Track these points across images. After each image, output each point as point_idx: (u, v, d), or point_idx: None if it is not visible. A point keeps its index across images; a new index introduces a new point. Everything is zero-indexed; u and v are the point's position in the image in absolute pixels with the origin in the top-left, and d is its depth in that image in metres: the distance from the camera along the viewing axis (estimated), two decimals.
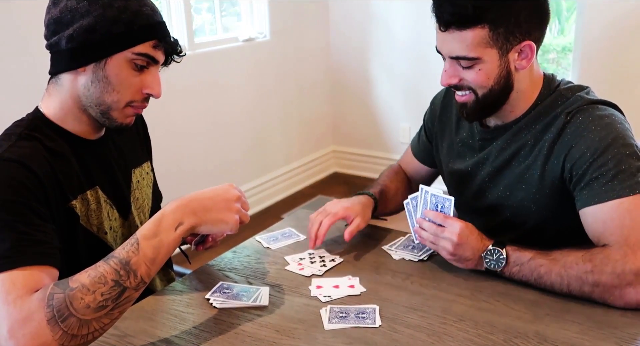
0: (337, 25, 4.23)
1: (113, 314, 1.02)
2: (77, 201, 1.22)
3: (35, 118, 1.22)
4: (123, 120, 1.24)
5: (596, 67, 3.39)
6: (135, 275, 1.03)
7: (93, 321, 0.99)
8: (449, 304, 1.21)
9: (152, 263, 1.05)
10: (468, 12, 1.23)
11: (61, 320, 0.97)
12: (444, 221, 1.28)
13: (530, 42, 1.28)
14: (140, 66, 1.19)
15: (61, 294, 0.99)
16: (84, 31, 1.15)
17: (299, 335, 1.13)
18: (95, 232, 1.26)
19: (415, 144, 1.72)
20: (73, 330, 0.97)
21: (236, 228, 1.15)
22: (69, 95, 1.21)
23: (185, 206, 1.11)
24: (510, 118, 1.39)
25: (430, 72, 3.93)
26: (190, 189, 1.17)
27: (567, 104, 1.33)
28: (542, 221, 1.38)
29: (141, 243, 1.05)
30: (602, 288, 1.16)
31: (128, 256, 1.04)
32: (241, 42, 3.61)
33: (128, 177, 1.37)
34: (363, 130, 4.34)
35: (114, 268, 1.02)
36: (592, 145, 1.25)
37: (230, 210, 1.14)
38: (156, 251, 1.06)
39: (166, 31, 1.22)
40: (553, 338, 1.09)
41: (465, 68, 1.30)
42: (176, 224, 1.09)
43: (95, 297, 0.99)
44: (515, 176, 1.38)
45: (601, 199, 1.23)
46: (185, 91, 3.22)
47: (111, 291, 1.01)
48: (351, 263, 1.39)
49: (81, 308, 0.98)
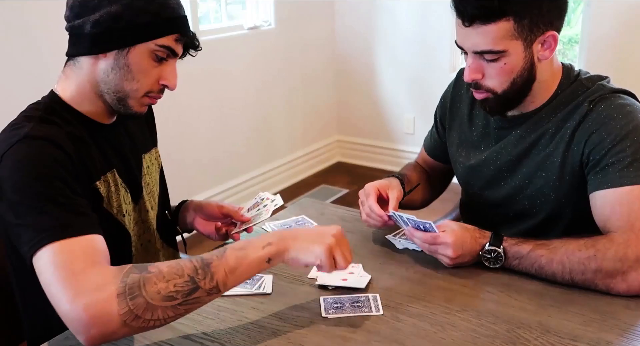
0: (343, 15, 4.21)
1: (179, 309, 1.01)
2: (100, 183, 1.22)
3: (52, 101, 1.22)
4: (138, 109, 1.24)
5: (603, 60, 3.37)
6: (211, 278, 1.03)
7: (159, 309, 0.99)
8: (452, 294, 1.21)
9: (231, 272, 1.05)
10: (494, 5, 1.22)
11: (130, 297, 0.97)
12: (434, 241, 1.27)
13: (554, 32, 1.28)
14: (160, 57, 1.19)
15: (137, 274, 1.00)
16: (111, 18, 1.14)
17: (301, 322, 1.13)
18: (115, 214, 1.26)
19: (428, 142, 1.71)
20: (138, 310, 0.98)
21: (325, 260, 1.10)
22: (87, 79, 1.21)
23: (279, 232, 1.15)
24: (530, 108, 1.38)
25: (435, 63, 3.91)
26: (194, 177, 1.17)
27: (589, 92, 1.33)
28: (558, 208, 1.38)
29: (228, 251, 1.07)
30: (604, 274, 1.17)
31: (211, 258, 1.05)
32: (246, 30, 3.60)
33: (139, 162, 1.38)
34: (367, 120, 4.33)
35: (194, 265, 1.03)
36: (612, 132, 1.26)
37: (321, 242, 1.11)
38: (238, 261, 1.06)
39: (188, 25, 1.22)
40: (556, 328, 1.09)
41: (490, 62, 1.29)
42: (265, 244, 1.09)
43: (167, 286, 1.00)
44: (535, 164, 1.38)
45: (614, 184, 1.23)
46: (189, 78, 3.21)
47: (184, 285, 1.01)
48: (355, 252, 1.39)
49: (152, 292, 0.98)
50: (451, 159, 1.60)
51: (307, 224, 1.54)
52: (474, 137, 1.51)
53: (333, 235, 1.13)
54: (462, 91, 1.55)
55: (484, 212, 1.52)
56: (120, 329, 0.97)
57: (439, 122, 1.64)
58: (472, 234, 1.28)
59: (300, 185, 4.06)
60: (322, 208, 1.66)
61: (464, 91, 1.54)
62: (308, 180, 4.16)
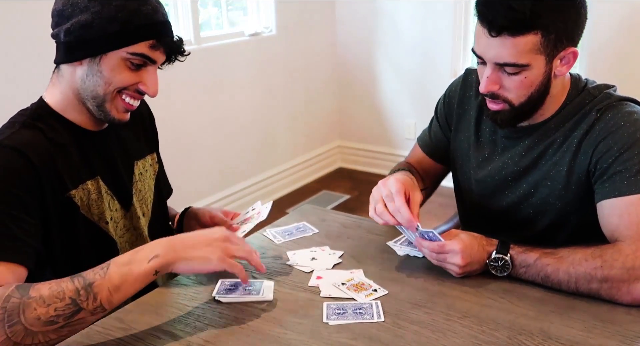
0: (344, 20, 4.22)
1: (62, 331, 1.01)
2: (77, 191, 1.22)
3: (39, 107, 1.24)
4: (116, 114, 1.24)
5: (604, 66, 3.38)
6: (94, 298, 1.02)
7: (39, 334, 0.99)
8: (453, 300, 1.21)
9: (115, 290, 1.04)
10: (526, 17, 1.19)
11: (9, 325, 0.97)
12: (442, 250, 1.25)
13: (575, 49, 1.27)
14: (137, 64, 1.20)
15: (18, 299, 0.99)
16: (81, 26, 1.15)
17: (303, 329, 1.13)
18: (96, 221, 1.26)
19: (427, 141, 1.65)
20: (17, 338, 0.97)
21: (222, 265, 1.12)
22: (69, 86, 1.22)
23: (167, 242, 1.12)
24: (539, 120, 1.37)
25: (436, 68, 3.92)
26: (196, 183, 1.18)
27: (596, 101, 1.33)
28: (563, 217, 1.38)
29: (111, 267, 1.05)
30: (610, 284, 1.16)
31: (94, 278, 1.04)
32: (247, 36, 3.61)
33: (130, 169, 1.38)
34: (368, 126, 4.33)
35: (76, 287, 1.02)
36: (619, 140, 1.26)
37: (213, 247, 1.12)
38: (123, 278, 1.05)
39: (167, 31, 1.22)
40: (557, 335, 1.09)
41: (510, 74, 1.26)
42: (151, 256, 1.08)
43: (48, 311, 0.99)
44: (542, 173, 1.37)
45: (622, 192, 1.23)
46: (190, 85, 3.22)
47: (65, 309, 1.00)
48: (356, 259, 1.39)
49: (31, 319, 0.98)
50: (454, 162, 1.57)
51: (308, 231, 1.54)
52: (480, 144, 1.49)
53: (218, 238, 1.13)
54: (470, 92, 1.51)
55: (486, 219, 1.50)
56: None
57: (445, 120, 1.59)
58: (479, 242, 1.26)
59: (302, 191, 4.06)
60: (324, 215, 1.66)
61: (473, 94, 1.50)
62: (309, 186, 4.16)
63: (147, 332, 1.13)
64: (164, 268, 1.09)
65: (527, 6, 1.18)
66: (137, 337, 1.12)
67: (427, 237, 1.27)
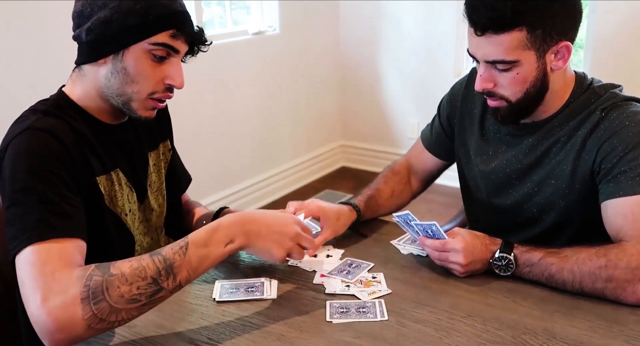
0: (347, 20, 4.22)
1: (143, 309, 1.03)
2: (102, 178, 1.23)
3: (60, 98, 1.24)
4: (143, 113, 1.24)
5: (608, 65, 3.37)
6: (174, 279, 1.04)
7: (123, 311, 1.00)
8: (457, 299, 1.21)
9: (194, 271, 1.07)
10: (506, 16, 1.21)
11: (94, 302, 0.98)
12: (444, 247, 1.27)
13: (568, 43, 1.27)
14: (160, 56, 1.19)
15: (100, 277, 1.00)
16: (101, 24, 1.16)
17: (306, 328, 1.13)
18: (118, 213, 1.27)
19: (428, 136, 1.68)
20: (102, 314, 0.99)
21: (280, 261, 1.17)
22: (92, 86, 1.22)
23: (242, 226, 1.13)
24: (542, 117, 1.38)
25: (439, 68, 3.92)
26: (198, 183, 1.17)
27: (601, 100, 1.33)
28: (567, 216, 1.38)
29: (190, 248, 1.06)
30: (615, 284, 1.16)
31: (174, 258, 1.05)
32: (251, 35, 3.61)
33: (145, 161, 1.38)
34: (371, 125, 4.33)
35: (157, 266, 1.03)
36: (624, 140, 1.26)
37: (281, 246, 1.15)
38: (201, 261, 1.07)
39: (186, 20, 1.21)
40: (562, 334, 1.09)
41: (502, 71, 1.28)
42: (227, 241, 1.10)
43: (131, 289, 1.00)
44: (546, 172, 1.37)
45: (626, 192, 1.23)
46: (194, 83, 3.21)
47: (147, 288, 1.02)
48: (360, 258, 1.39)
49: (115, 296, 0.99)
50: (460, 159, 1.58)
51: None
52: (484, 142, 1.50)
53: (293, 236, 1.16)
54: (474, 91, 1.51)
55: (490, 218, 1.51)
56: (85, 332, 0.99)
57: (446, 118, 1.61)
58: (482, 241, 1.27)
59: (305, 190, 4.06)
60: None
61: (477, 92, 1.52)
62: (312, 185, 4.16)
63: (151, 330, 1.13)
64: (236, 252, 1.14)
65: (507, 5, 1.20)
66: (140, 335, 1.12)
67: (429, 232, 1.28)
